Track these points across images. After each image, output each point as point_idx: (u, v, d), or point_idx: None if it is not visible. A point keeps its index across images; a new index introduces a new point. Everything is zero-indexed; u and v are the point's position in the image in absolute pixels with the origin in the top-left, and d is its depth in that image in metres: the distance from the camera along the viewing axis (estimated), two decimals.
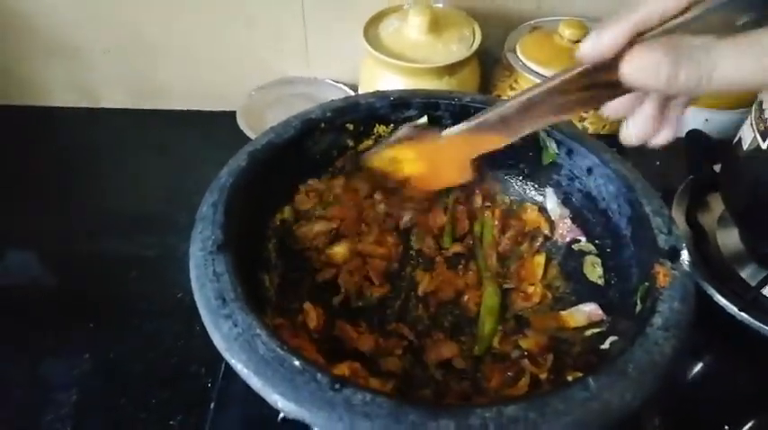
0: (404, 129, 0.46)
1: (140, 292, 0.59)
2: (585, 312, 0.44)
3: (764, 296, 0.52)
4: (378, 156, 0.46)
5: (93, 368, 0.53)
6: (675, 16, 0.28)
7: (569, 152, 0.47)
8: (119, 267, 0.61)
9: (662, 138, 0.33)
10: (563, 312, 0.45)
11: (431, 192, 0.49)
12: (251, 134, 0.70)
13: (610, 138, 0.50)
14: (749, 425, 0.50)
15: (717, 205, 0.61)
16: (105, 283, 0.60)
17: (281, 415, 0.40)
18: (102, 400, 0.51)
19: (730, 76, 0.25)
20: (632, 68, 0.27)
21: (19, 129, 0.79)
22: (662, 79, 0.26)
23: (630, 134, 0.33)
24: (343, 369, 0.37)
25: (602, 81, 0.31)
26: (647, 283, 0.38)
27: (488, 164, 0.51)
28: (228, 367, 0.49)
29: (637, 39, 0.28)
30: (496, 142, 0.39)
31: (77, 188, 0.71)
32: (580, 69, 0.32)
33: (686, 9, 0.28)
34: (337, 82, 0.78)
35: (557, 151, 0.48)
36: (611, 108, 0.33)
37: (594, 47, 0.29)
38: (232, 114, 0.73)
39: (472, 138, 0.40)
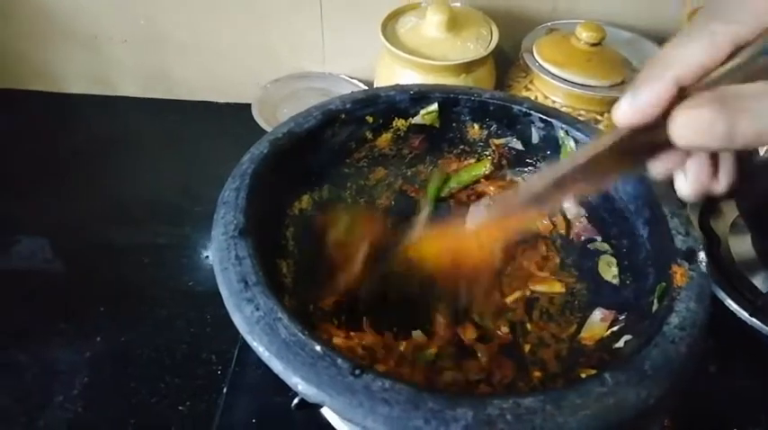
0: (419, 225, 0.42)
1: (153, 279, 0.59)
2: (598, 321, 0.44)
3: None
4: (396, 260, 0.42)
5: (105, 351, 0.53)
6: (719, 65, 0.25)
7: None
8: (132, 254, 0.62)
9: (721, 187, 0.29)
10: (583, 334, 0.44)
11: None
12: (266, 126, 0.70)
13: None
14: (758, 428, 0.50)
15: (729, 211, 0.61)
16: (118, 270, 0.61)
17: (295, 401, 0.40)
18: (112, 383, 0.51)
19: None
20: (683, 130, 0.24)
21: (34, 116, 0.79)
22: (718, 138, 0.23)
23: (687, 191, 0.30)
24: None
25: (643, 143, 0.28)
26: (664, 283, 0.38)
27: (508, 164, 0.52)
28: (241, 354, 0.50)
29: (680, 94, 0.25)
30: (527, 221, 0.37)
31: (91, 176, 0.72)
32: (617, 136, 0.28)
33: (729, 57, 0.25)
34: (352, 78, 0.78)
35: (575, 149, 0.48)
36: (658, 168, 0.29)
37: (632, 110, 0.26)
38: (247, 106, 0.73)
39: (500, 221, 0.36)
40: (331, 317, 0.43)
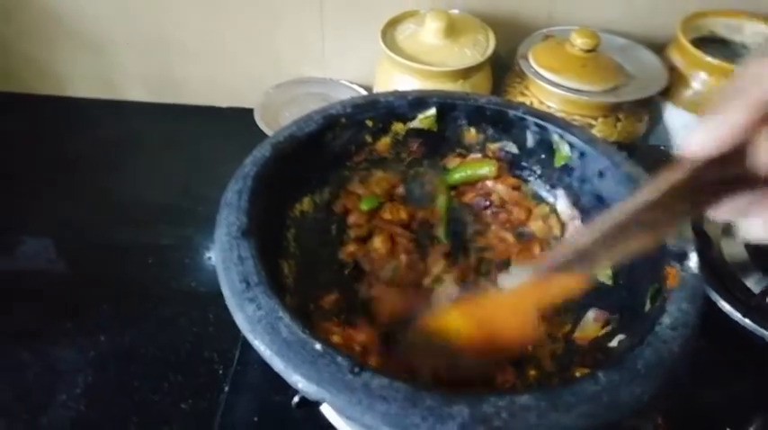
0: (443, 295, 0.38)
1: (156, 279, 0.60)
2: (591, 321, 0.45)
3: None
4: (419, 332, 0.37)
5: (108, 350, 0.54)
6: None
7: (582, 155, 0.48)
8: (135, 255, 0.63)
9: None
10: (577, 334, 0.45)
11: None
12: (268, 130, 0.71)
13: (618, 145, 0.51)
14: (751, 428, 0.50)
15: None
16: (121, 270, 0.62)
17: (295, 399, 0.41)
18: (115, 382, 0.52)
19: None
20: None
21: (39, 119, 0.80)
22: None
23: (759, 233, 0.25)
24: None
25: (709, 182, 0.24)
26: (656, 284, 0.39)
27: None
28: (243, 353, 0.51)
29: (765, 118, 0.22)
30: (571, 284, 0.31)
31: (95, 178, 0.72)
32: (686, 172, 0.24)
33: None
34: (352, 83, 0.79)
35: (569, 154, 0.49)
36: (727, 210, 0.25)
37: (711, 137, 0.22)
38: (249, 111, 0.74)
39: (540, 284, 0.31)
40: (331, 315, 0.44)
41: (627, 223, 0.27)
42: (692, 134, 0.23)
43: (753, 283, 0.56)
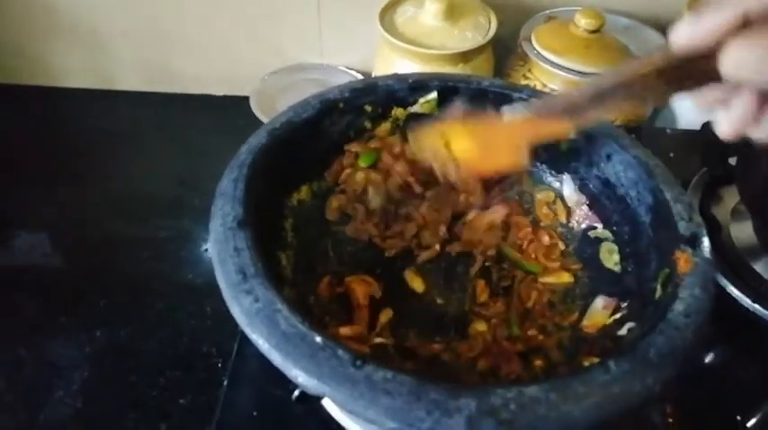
0: (455, 108, 0.40)
1: (152, 273, 0.59)
2: (600, 309, 0.44)
3: None
4: (427, 133, 0.40)
5: (105, 346, 0.53)
6: None
7: (588, 138, 0.47)
8: (131, 248, 0.62)
9: (763, 134, 0.28)
10: (585, 322, 0.44)
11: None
12: (264, 118, 0.70)
13: (624, 128, 0.50)
14: (760, 414, 0.50)
15: (730, 198, 0.61)
16: (118, 264, 0.61)
17: (296, 393, 0.40)
18: (113, 378, 0.51)
19: None
20: (734, 62, 0.24)
21: (32, 110, 0.79)
22: (763, 74, 0.23)
23: (725, 128, 0.29)
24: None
25: (691, 70, 0.27)
26: (667, 269, 0.38)
27: None
28: (242, 347, 0.50)
29: (740, 27, 0.24)
30: (561, 129, 0.35)
31: (90, 169, 0.71)
32: (667, 59, 0.27)
33: None
34: (350, 69, 0.78)
35: (575, 137, 0.48)
36: (702, 98, 0.29)
37: (691, 34, 0.25)
38: (245, 99, 0.73)
39: (535, 122, 0.35)
40: (330, 306, 0.43)
41: (613, 88, 0.31)
42: (678, 27, 0.26)
43: (762, 268, 0.55)
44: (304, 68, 0.77)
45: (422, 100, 0.50)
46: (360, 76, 0.77)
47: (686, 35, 0.26)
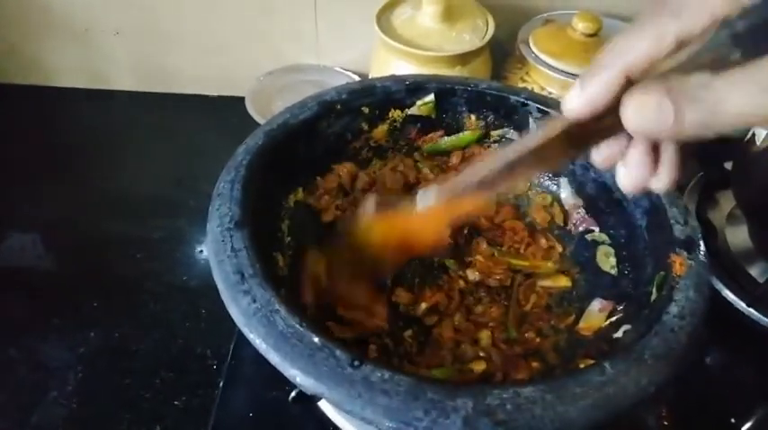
0: (369, 202, 0.41)
1: (147, 274, 0.59)
2: (596, 311, 0.44)
3: None
4: (353, 227, 0.41)
5: (99, 347, 0.53)
6: (666, 58, 0.25)
7: None
8: (126, 249, 0.61)
9: (661, 184, 0.30)
10: (581, 325, 0.44)
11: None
12: (259, 119, 0.69)
13: None
14: (755, 418, 0.50)
15: (726, 202, 0.61)
16: (112, 264, 0.60)
17: (292, 394, 0.40)
18: (107, 379, 0.51)
19: (735, 111, 0.23)
20: (634, 115, 0.25)
21: (25, 110, 0.78)
22: (668, 122, 0.24)
23: (627, 182, 0.30)
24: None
25: (591, 130, 0.28)
26: (663, 272, 0.38)
27: None
28: (237, 348, 0.50)
29: (628, 84, 0.25)
30: (475, 204, 0.36)
31: (84, 170, 0.71)
32: (567, 124, 0.29)
33: (677, 49, 0.25)
34: (347, 70, 0.78)
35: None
36: (600, 157, 0.30)
37: (582, 101, 0.26)
38: (241, 99, 0.73)
39: (449, 204, 0.36)
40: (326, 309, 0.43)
41: (521, 160, 0.31)
42: (569, 95, 0.27)
43: (757, 273, 0.55)
44: (300, 69, 0.77)
45: (419, 102, 0.50)
46: (356, 78, 0.77)
47: (577, 105, 0.27)
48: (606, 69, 0.26)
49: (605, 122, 0.27)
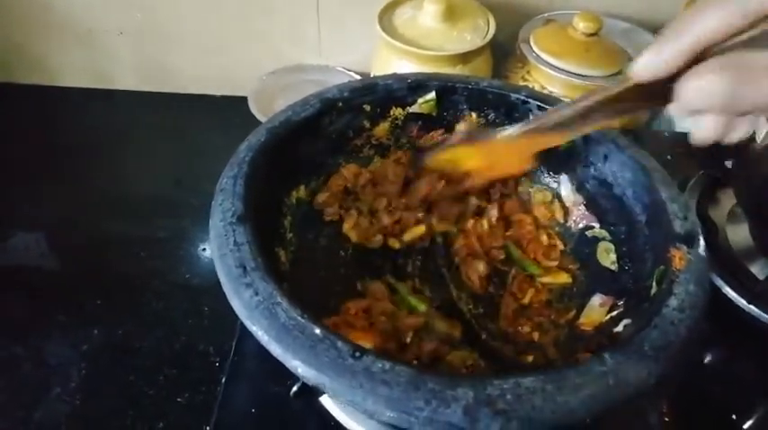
0: (458, 133, 0.47)
1: (150, 272, 0.59)
2: (597, 306, 0.44)
3: None
4: (436, 158, 0.47)
5: (102, 344, 0.53)
6: (740, 32, 0.25)
7: (585, 139, 0.47)
8: (129, 247, 0.61)
9: (737, 136, 0.30)
10: (582, 320, 0.44)
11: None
12: (262, 118, 0.70)
13: (621, 130, 0.50)
14: (756, 415, 0.50)
15: (727, 200, 0.61)
16: (115, 263, 0.61)
17: (294, 389, 0.40)
18: (110, 376, 0.51)
19: None
20: (690, 91, 0.25)
21: (29, 110, 0.79)
22: (721, 102, 0.24)
23: (700, 135, 0.30)
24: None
25: (657, 93, 0.29)
26: (662, 267, 0.38)
27: None
28: (239, 345, 0.50)
29: (697, 57, 0.26)
30: (553, 142, 0.41)
31: (87, 169, 0.71)
32: (633, 84, 0.31)
33: (751, 25, 0.25)
34: (348, 70, 0.78)
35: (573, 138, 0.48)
36: (674, 113, 0.30)
37: (651, 65, 0.27)
38: (243, 99, 0.73)
39: (529, 137, 0.41)
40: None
41: (592, 108, 0.35)
42: (642, 58, 0.28)
43: (758, 270, 0.55)
44: (303, 69, 0.78)
45: (421, 100, 0.50)
46: (359, 77, 0.77)
47: (645, 68, 0.28)
48: (678, 38, 0.26)
49: (668, 91, 0.28)
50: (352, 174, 0.50)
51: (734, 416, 0.49)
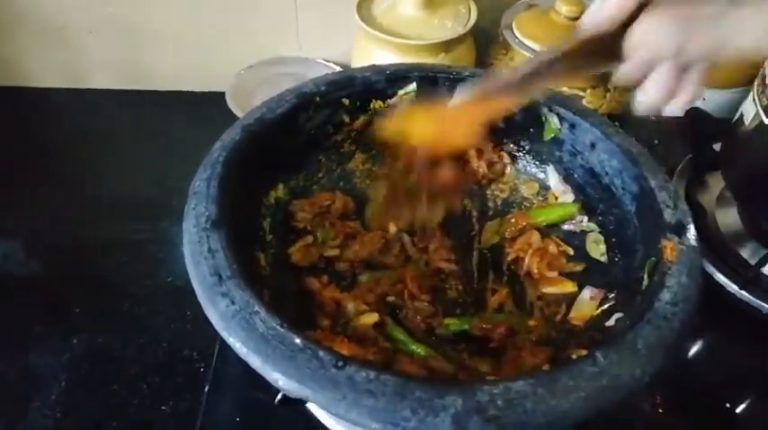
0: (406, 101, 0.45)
1: (129, 277, 0.57)
2: (587, 300, 0.43)
3: (765, 274, 0.52)
4: (387, 124, 0.43)
5: (82, 353, 0.52)
6: None
7: (572, 127, 0.46)
8: (107, 252, 0.60)
9: (678, 104, 0.31)
10: (572, 314, 0.43)
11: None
12: (240, 115, 0.67)
13: (608, 116, 0.49)
14: (749, 401, 0.49)
15: (715, 184, 0.60)
16: (94, 269, 0.59)
17: (279, 396, 0.39)
18: (92, 386, 0.50)
19: (746, 46, 0.24)
20: (639, 38, 0.26)
21: (3, 112, 0.76)
22: (670, 49, 0.25)
23: (643, 101, 0.31)
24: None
25: (608, 47, 0.30)
26: (654, 258, 0.37)
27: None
28: (222, 349, 0.49)
29: (644, 6, 0.27)
30: (505, 105, 0.39)
31: (63, 172, 0.69)
32: (584, 37, 0.31)
33: None
34: (328, 61, 0.76)
35: (558, 126, 0.47)
36: (623, 74, 0.32)
37: (598, 15, 0.28)
38: (221, 95, 0.71)
39: (481, 102, 0.38)
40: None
41: (547, 65, 0.34)
42: (589, 10, 0.30)
43: (748, 254, 0.55)
44: (281, 62, 0.76)
45: (401, 92, 0.49)
46: (339, 69, 0.75)
47: (593, 17, 0.29)
48: None
49: (617, 43, 0.29)
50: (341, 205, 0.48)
51: (728, 404, 0.49)
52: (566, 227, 0.48)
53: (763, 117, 0.48)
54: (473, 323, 0.42)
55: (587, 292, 0.43)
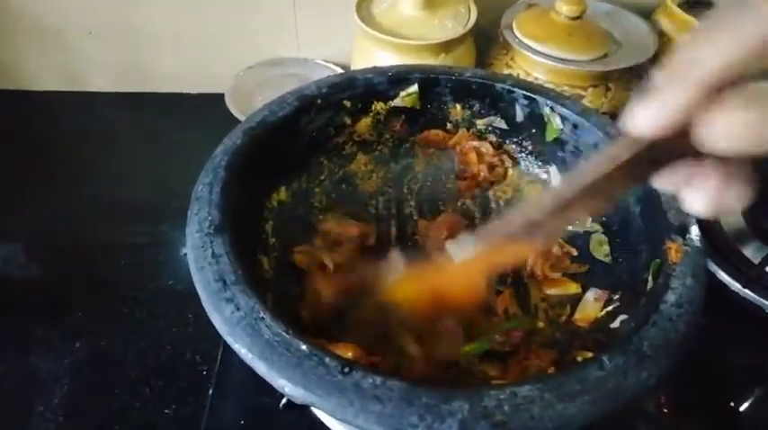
0: (395, 260, 0.37)
1: (131, 280, 0.57)
2: (592, 301, 0.43)
3: None
4: (368, 307, 0.38)
5: (85, 357, 0.51)
6: (750, 63, 0.21)
7: (574, 127, 0.46)
8: (108, 255, 0.60)
9: (740, 202, 0.25)
10: (577, 316, 0.43)
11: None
12: (240, 116, 0.68)
13: (609, 115, 0.49)
14: (753, 399, 0.49)
15: None
16: (95, 272, 0.59)
17: (283, 401, 0.39)
18: (94, 390, 0.49)
19: None
20: (719, 135, 0.21)
21: (3, 116, 0.76)
22: (754, 141, 0.20)
23: (700, 207, 0.25)
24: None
25: (658, 155, 0.24)
26: (658, 260, 0.37)
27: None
28: (225, 353, 0.49)
29: (708, 97, 0.21)
30: (518, 254, 0.31)
31: (63, 175, 0.69)
32: (633, 149, 0.24)
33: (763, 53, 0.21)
34: (328, 62, 0.76)
35: (561, 127, 0.47)
36: (665, 182, 0.26)
37: (656, 117, 0.22)
38: (221, 96, 0.71)
39: (488, 253, 0.31)
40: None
41: (573, 198, 0.27)
42: (636, 112, 0.23)
43: (751, 253, 0.55)
44: (281, 63, 0.75)
45: (403, 93, 0.48)
46: (339, 70, 0.75)
47: (649, 121, 0.23)
48: (682, 80, 0.22)
49: (674, 146, 0.23)
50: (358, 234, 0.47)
51: (732, 403, 0.49)
52: (569, 227, 0.48)
53: None
54: (491, 338, 0.41)
55: (591, 294, 0.43)
